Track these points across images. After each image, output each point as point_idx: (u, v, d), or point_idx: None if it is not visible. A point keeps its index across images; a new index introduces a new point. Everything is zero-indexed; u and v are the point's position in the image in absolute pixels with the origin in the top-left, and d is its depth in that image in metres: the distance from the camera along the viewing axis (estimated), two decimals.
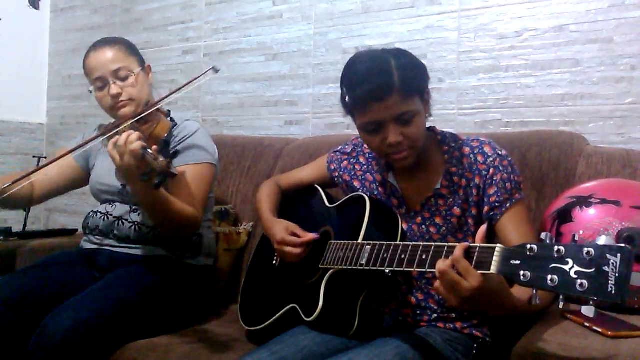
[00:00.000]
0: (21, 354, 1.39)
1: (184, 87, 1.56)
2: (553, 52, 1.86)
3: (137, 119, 1.48)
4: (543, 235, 0.88)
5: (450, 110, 2.03)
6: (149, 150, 1.30)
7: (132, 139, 1.30)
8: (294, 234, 1.38)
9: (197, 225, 1.61)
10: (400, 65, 1.19)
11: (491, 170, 1.27)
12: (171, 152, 1.33)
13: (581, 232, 1.26)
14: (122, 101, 1.64)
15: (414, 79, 1.21)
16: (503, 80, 1.94)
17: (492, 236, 1.29)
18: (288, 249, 1.37)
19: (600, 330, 1.04)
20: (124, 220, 1.68)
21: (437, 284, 1.00)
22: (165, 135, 1.42)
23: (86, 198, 2.96)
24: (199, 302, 1.75)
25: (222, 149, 1.79)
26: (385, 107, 1.19)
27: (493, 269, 0.93)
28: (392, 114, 1.19)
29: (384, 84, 1.17)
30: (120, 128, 1.45)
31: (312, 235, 1.37)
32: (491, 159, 1.28)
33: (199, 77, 1.57)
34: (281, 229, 1.41)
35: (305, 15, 2.38)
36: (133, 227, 1.66)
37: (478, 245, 0.98)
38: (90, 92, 1.69)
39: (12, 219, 2.77)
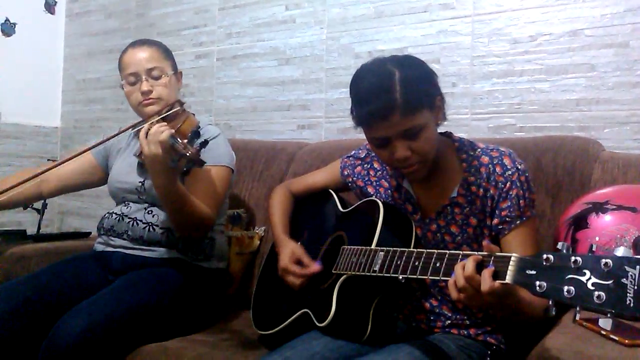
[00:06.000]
0: (34, 356, 1.39)
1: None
2: (568, 57, 1.84)
3: (161, 116, 1.56)
4: (559, 245, 0.87)
5: (464, 115, 2.02)
6: (178, 140, 1.36)
7: (161, 129, 1.37)
8: (299, 261, 1.37)
9: (211, 225, 1.64)
10: (404, 78, 1.16)
11: (508, 184, 1.24)
12: (203, 142, 1.37)
13: (597, 238, 1.24)
14: (150, 98, 1.68)
15: (418, 93, 1.17)
16: (517, 85, 1.93)
17: None
18: (290, 278, 1.37)
19: (617, 338, 1.02)
20: (138, 221, 1.69)
21: (455, 295, 1.00)
22: (192, 129, 1.45)
23: (99, 201, 2.99)
24: (211, 306, 1.75)
25: (234, 153, 1.80)
26: (388, 125, 1.17)
27: (508, 278, 0.92)
28: (396, 131, 1.18)
29: (385, 104, 1.15)
30: (146, 125, 1.50)
31: (314, 269, 1.35)
32: (510, 172, 1.25)
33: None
34: (287, 254, 1.40)
35: (317, 19, 2.38)
36: (147, 228, 1.68)
37: (493, 254, 0.97)
38: (122, 86, 1.74)
39: (27, 222, 2.80)
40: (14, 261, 1.91)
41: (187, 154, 1.33)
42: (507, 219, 1.24)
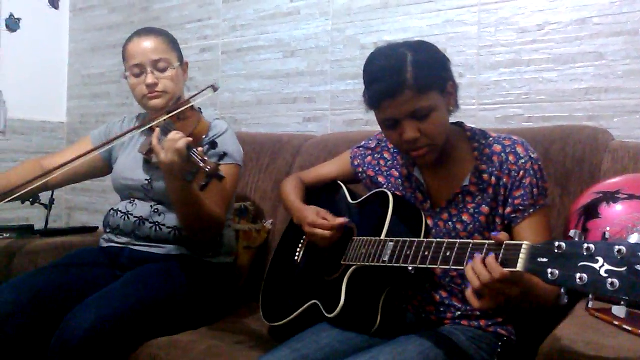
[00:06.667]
0: (43, 351, 1.40)
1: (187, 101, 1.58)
2: (576, 46, 1.82)
3: (171, 115, 1.50)
4: (572, 233, 0.86)
5: (471, 106, 2.00)
6: (195, 150, 1.30)
7: (177, 137, 1.33)
8: (325, 218, 1.36)
9: (222, 227, 1.63)
10: (416, 60, 1.17)
11: (521, 173, 1.24)
12: (222, 154, 1.31)
13: (608, 228, 1.23)
14: (156, 92, 1.65)
15: (429, 74, 1.18)
16: (525, 74, 1.91)
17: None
18: (319, 231, 1.35)
19: (630, 329, 1.02)
20: (144, 221, 1.68)
21: (470, 293, 0.99)
22: (204, 136, 1.41)
23: (107, 196, 2.99)
24: (220, 300, 1.75)
25: (240, 146, 1.79)
26: (398, 104, 1.18)
27: (519, 266, 0.92)
28: (405, 111, 1.18)
29: (395, 82, 1.16)
30: (154, 123, 1.46)
31: (342, 220, 1.34)
32: (523, 160, 1.25)
33: (196, 94, 1.56)
34: (313, 213, 1.38)
35: (323, 11, 2.37)
36: (154, 228, 1.67)
37: (503, 243, 0.96)
38: (126, 77, 1.70)
39: (34, 217, 2.80)
40: (22, 256, 1.92)
41: (207, 169, 1.26)
42: (520, 207, 1.24)
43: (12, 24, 2.99)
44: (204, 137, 1.41)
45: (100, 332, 1.35)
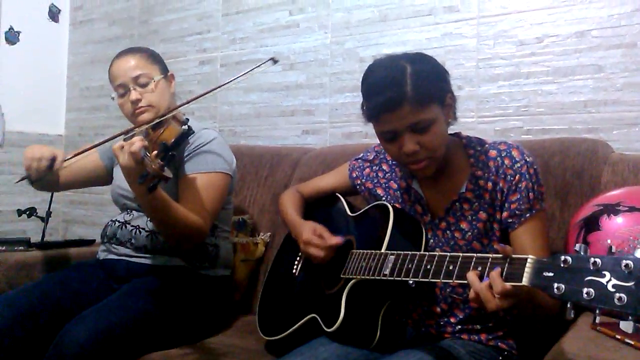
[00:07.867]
0: None
1: (240, 76, 1.65)
2: (575, 58, 1.82)
3: (152, 124, 1.52)
4: (577, 247, 0.85)
5: (470, 118, 2.00)
6: (147, 154, 1.32)
7: (133, 140, 1.33)
8: (321, 236, 1.35)
9: (203, 235, 1.59)
10: (415, 72, 1.17)
11: (517, 177, 1.23)
12: (169, 155, 1.32)
13: (609, 241, 1.22)
14: (141, 107, 1.65)
15: (429, 87, 1.18)
16: (524, 87, 1.91)
17: (506, 243, 1.25)
18: (313, 249, 1.35)
19: (632, 342, 1.00)
20: (140, 229, 1.67)
21: (472, 296, 0.98)
22: (172, 140, 1.41)
23: (104, 209, 2.98)
24: (216, 313, 1.73)
25: (239, 158, 1.78)
26: (398, 117, 1.17)
27: (524, 280, 0.90)
28: (405, 124, 1.18)
29: (395, 95, 1.15)
30: (135, 131, 1.48)
31: (337, 240, 1.33)
32: (519, 164, 1.24)
33: (256, 67, 1.61)
34: (308, 230, 1.38)
35: (321, 24, 2.37)
36: (150, 237, 1.66)
37: (509, 256, 0.95)
38: (113, 99, 1.71)
39: (31, 230, 2.79)
40: (18, 269, 1.90)
41: (150, 171, 1.28)
42: (516, 212, 1.23)
43: (12, 37, 3.00)
44: (170, 142, 1.40)
45: (96, 345, 1.34)
